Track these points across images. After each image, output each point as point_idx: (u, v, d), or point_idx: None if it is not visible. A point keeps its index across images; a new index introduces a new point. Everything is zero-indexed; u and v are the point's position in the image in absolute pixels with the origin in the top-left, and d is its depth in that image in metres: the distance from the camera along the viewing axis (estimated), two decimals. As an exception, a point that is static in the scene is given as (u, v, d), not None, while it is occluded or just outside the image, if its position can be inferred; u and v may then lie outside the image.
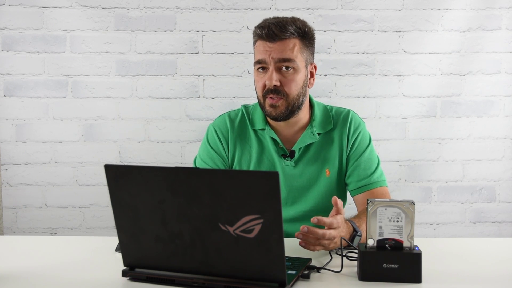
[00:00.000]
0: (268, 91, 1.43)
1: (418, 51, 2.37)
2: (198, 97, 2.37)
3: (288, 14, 2.13)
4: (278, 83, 1.41)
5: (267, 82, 1.42)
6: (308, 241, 1.17)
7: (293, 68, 1.42)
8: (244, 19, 2.35)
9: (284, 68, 1.42)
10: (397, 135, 2.40)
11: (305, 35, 1.44)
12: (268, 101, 1.44)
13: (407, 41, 2.37)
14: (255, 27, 1.46)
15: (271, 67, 1.42)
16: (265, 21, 1.46)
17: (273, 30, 1.40)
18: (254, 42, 1.48)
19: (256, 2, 2.35)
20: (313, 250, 1.18)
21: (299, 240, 1.17)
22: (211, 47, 2.36)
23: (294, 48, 1.42)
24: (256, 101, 1.56)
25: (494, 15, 2.37)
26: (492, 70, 2.39)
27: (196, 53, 2.36)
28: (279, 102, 1.43)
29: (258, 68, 1.45)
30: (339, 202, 1.20)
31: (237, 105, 2.30)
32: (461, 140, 2.41)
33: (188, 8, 2.35)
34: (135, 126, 2.37)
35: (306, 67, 1.47)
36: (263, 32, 1.41)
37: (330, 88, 2.38)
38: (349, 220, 1.29)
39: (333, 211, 1.21)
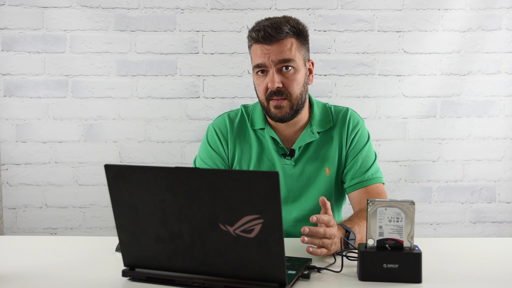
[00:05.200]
0: (271, 94, 1.42)
1: (418, 51, 2.37)
2: (198, 97, 2.37)
3: (288, 14, 2.13)
4: (280, 85, 1.41)
5: (269, 85, 1.41)
6: (314, 243, 1.15)
7: (293, 67, 1.42)
8: (244, 19, 2.35)
9: (284, 69, 1.41)
10: (397, 135, 2.40)
11: (300, 33, 1.44)
12: (272, 103, 1.43)
13: (407, 41, 2.37)
14: (250, 31, 1.45)
15: (271, 70, 1.41)
16: (258, 24, 1.44)
17: (269, 32, 1.39)
18: (250, 46, 1.47)
19: (256, 2, 2.35)
20: (319, 255, 1.16)
21: (307, 246, 1.15)
22: (211, 47, 2.36)
23: (292, 47, 1.41)
24: (256, 100, 1.55)
25: (494, 15, 2.37)
26: (492, 70, 2.39)
27: (196, 53, 2.36)
28: (283, 103, 1.42)
29: (258, 71, 1.44)
30: (327, 203, 1.19)
31: (237, 105, 2.30)
32: (461, 140, 2.41)
33: (188, 8, 2.35)
34: (135, 126, 2.37)
35: (305, 65, 1.47)
36: (259, 35, 1.40)
37: (330, 88, 2.38)
38: (340, 224, 1.28)
39: (321, 212, 1.20)
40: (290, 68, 1.41)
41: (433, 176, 2.42)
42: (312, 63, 1.52)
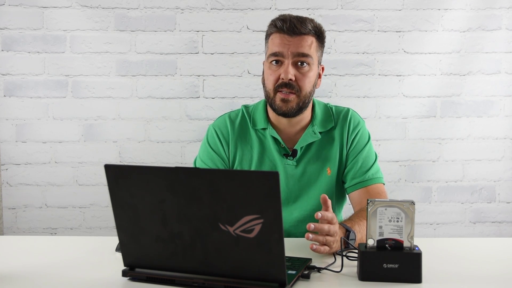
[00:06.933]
0: (281, 85, 1.42)
1: (418, 51, 2.37)
2: (198, 97, 2.37)
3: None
4: (293, 78, 1.41)
5: (282, 75, 1.41)
6: (318, 240, 1.15)
7: (309, 64, 1.43)
8: (244, 19, 2.35)
9: (300, 64, 1.42)
10: (397, 135, 2.40)
11: (321, 35, 1.46)
12: (279, 96, 1.44)
13: (407, 41, 2.37)
14: (273, 20, 1.45)
15: (287, 61, 1.41)
16: (284, 15, 1.45)
17: (295, 24, 1.40)
18: (269, 35, 1.47)
19: (256, 2, 2.35)
20: (322, 252, 1.17)
21: (310, 244, 1.15)
22: (211, 47, 2.36)
23: (311, 45, 1.43)
24: (256, 101, 1.55)
25: (494, 15, 2.37)
26: (492, 70, 2.39)
27: (196, 53, 2.36)
28: (291, 97, 1.43)
29: (272, 61, 1.44)
30: (329, 201, 1.20)
31: (237, 105, 2.30)
32: (461, 140, 2.41)
33: (188, 8, 2.35)
34: (135, 126, 2.37)
35: (318, 67, 1.48)
36: (284, 25, 1.41)
37: (330, 88, 2.38)
38: (340, 223, 1.28)
39: (323, 210, 1.20)
40: (305, 64, 1.42)
41: (433, 176, 2.42)
42: (323, 68, 1.53)
